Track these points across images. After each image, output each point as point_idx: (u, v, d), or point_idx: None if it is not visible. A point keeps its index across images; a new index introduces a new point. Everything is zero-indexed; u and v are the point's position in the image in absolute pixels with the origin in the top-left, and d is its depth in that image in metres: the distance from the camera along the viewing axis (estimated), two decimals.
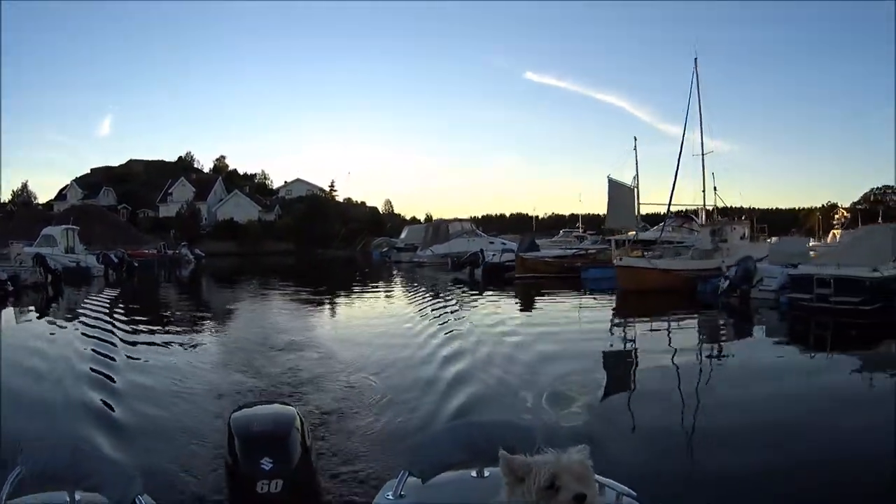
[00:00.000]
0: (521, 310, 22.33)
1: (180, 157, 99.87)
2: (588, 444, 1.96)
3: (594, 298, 24.77)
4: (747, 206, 40.05)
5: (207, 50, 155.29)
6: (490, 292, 26.87)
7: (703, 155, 28.91)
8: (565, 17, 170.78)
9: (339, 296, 27.80)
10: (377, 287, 33.93)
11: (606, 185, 29.18)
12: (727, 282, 20.76)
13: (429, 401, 8.47)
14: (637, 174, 30.09)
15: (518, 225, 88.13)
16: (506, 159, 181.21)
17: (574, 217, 75.21)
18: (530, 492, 1.91)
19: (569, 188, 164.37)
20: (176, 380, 9.82)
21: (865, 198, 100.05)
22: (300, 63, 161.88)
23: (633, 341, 15.77)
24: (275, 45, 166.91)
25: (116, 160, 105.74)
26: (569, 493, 1.88)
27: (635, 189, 29.57)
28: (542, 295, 25.08)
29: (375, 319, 19.27)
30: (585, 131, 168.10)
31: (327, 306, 23.79)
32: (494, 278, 32.44)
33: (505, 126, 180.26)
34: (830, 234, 50.62)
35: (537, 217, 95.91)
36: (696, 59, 29.09)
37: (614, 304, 23.10)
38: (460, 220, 53.72)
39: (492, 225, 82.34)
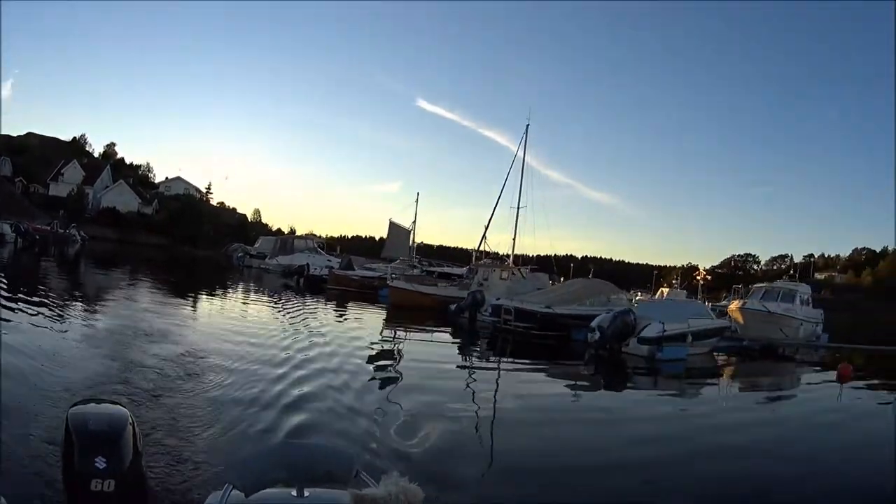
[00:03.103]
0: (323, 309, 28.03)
1: (75, 139, 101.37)
2: (397, 472, 2.16)
3: (369, 308, 30.66)
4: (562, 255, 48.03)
5: (111, 33, 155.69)
6: (298, 296, 32.95)
7: (518, 209, 36.17)
8: (464, 48, 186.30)
9: (197, 286, 32.93)
10: (224, 283, 39.74)
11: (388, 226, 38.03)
12: (456, 306, 27.01)
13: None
14: (415, 220, 38.28)
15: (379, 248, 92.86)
16: (390, 182, 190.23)
17: (439, 247, 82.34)
18: None
19: (445, 218, 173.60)
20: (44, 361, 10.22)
21: (726, 263, 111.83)
22: (202, 63, 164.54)
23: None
24: (178, 42, 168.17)
25: (10, 128, 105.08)
26: None
27: (412, 231, 37.84)
28: (334, 300, 31.70)
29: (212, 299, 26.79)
30: (472, 165, 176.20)
31: (187, 293, 28.35)
32: (313, 287, 39.18)
33: (391, 150, 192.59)
34: (659, 292, 58.82)
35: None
36: (527, 125, 36.93)
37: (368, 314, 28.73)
38: (305, 238, 61.43)
39: (360, 245, 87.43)
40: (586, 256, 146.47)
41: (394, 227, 37.69)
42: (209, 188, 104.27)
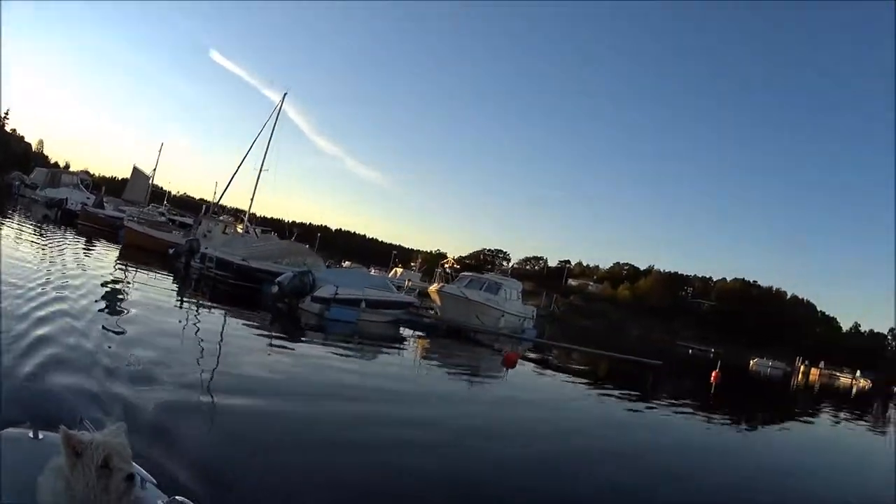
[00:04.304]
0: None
1: None
2: (124, 422, 2.23)
3: (108, 246, 33.50)
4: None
5: None
6: (49, 227, 35.77)
7: (260, 171, 39.62)
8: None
9: None
10: None
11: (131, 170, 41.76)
12: (174, 251, 30.69)
13: None
14: (155, 169, 42.22)
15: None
16: (177, 134, 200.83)
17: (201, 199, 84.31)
18: (89, 469, 2.12)
19: (220, 171, 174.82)
20: None
21: (475, 255, 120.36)
22: None
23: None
24: None
25: None
26: (122, 474, 2.16)
27: (151, 178, 41.69)
28: (82, 235, 34.52)
29: None
30: (254, 123, 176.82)
31: None
32: (67, 220, 42.20)
33: (179, 97, 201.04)
34: (393, 271, 63.74)
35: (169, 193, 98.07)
36: (285, 94, 40.72)
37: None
38: (73, 174, 64.99)
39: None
40: (340, 229, 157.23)
41: (136, 171, 41.81)
42: (7, 114, 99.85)
